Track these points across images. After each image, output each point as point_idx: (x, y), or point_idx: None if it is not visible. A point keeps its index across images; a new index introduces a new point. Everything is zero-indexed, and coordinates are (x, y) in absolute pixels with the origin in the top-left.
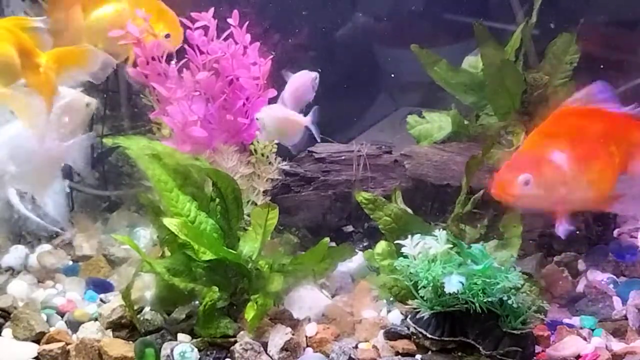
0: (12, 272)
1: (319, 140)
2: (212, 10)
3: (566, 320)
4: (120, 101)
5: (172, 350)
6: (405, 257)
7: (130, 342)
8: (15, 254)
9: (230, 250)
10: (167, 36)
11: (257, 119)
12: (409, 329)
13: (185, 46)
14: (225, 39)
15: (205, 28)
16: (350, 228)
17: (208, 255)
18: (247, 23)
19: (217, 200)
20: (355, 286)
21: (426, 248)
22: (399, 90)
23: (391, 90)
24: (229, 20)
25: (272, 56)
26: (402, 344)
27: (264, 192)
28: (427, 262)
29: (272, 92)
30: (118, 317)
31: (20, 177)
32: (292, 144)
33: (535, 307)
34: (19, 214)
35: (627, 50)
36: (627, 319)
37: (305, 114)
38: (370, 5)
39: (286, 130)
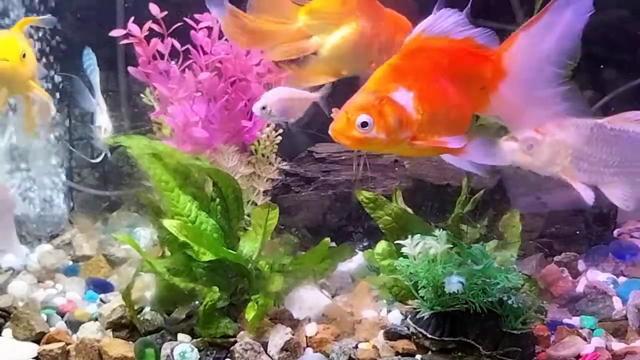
0: (12, 272)
1: (328, 115)
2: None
3: (566, 320)
4: (120, 101)
5: (172, 350)
6: (406, 257)
7: (130, 342)
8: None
9: (230, 251)
10: None
11: (262, 108)
12: (409, 329)
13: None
14: (228, 40)
15: (209, 28)
16: (350, 228)
17: (208, 256)
18: None
19: (218, 200)
20: (355, 286)
21: (426, 248)
22: None
23: None
24: None
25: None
26: (402, 344)
27: (264, 192)
28: (427, 262)
29: None
30: (118, 317)
31: None
32: (296, 120)
33: (535, 307)
34: None
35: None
36: (627, 319)
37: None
38: None
39: (294, 109)
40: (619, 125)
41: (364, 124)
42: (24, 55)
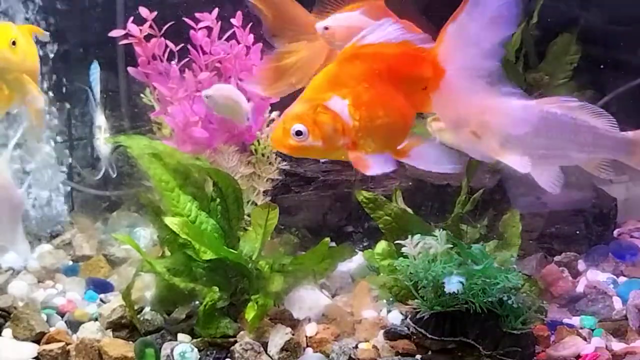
0: (12, 272)
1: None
2: (215, 10)
3: (566, 320)
4: (120, 101)
5: (172, 350)
6: (405, 257)
7: (130, 342)
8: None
9: (231, 250)
10: None
11: (205, 96)
12: (409, 329)
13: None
14: (228, 40)
15: (209, 28)
16: (350, 228)
17: (209, 255)
18: (250, 24)
19: (218, 200)
20: (355, 286)
21: (426, 248)
22: None
23: None
24: (232, 21)
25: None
26: (402, 344)
27: (264, 192)
28: (427, 262)
29: None
30: (118, 317)
31: None
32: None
33: (535, 307)
34: None
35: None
36: (627, 319)
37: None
38: None
39: (232, 110)
40: (548, 108)
41: (299, 133)
42: (13, 43)
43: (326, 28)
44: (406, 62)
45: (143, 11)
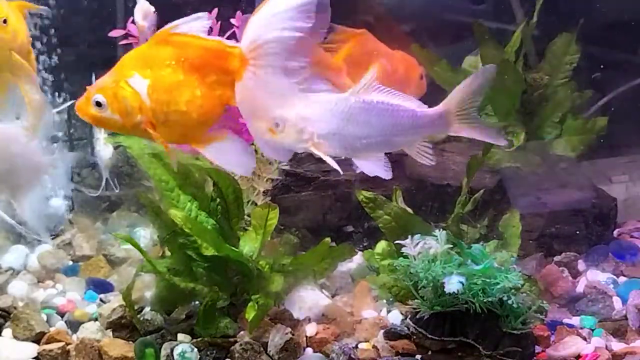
0: (12, 272)
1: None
2: (215, 10)
3: (566, 320)
4: None
5: (172, 350)
6: (405, 257)
7: (130, 342)
8: (15, 254)
9: (233, 248)
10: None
11: None
12: (409, 329)
13: None
14: (228, 39)
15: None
16: (350, 228)
17: (211, 251)
18: None
19: (218, 200)
20: (355, 286)
21: (426, 248)
22: None
23: None
24: (232, 21)
25: None
26: (402, 344)
27: (264, 192)
28: (427, 262)
29: None
30: (118, 317)
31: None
32: None
33: (535, 307)
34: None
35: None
36: (627, 319)
37: None
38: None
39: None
40: (363, 97)
41: (99, 104)
42: (4, 21)
43: None
44: (214, 55)
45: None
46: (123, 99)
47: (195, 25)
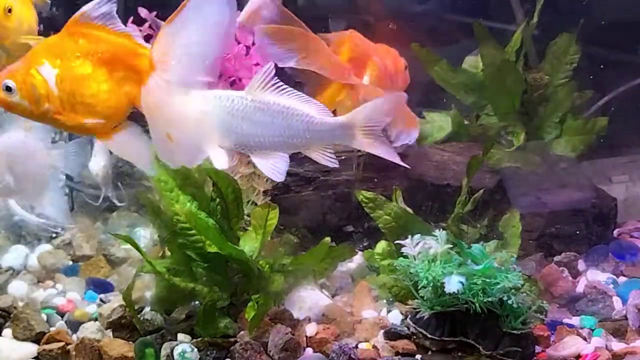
0: (12, 272)
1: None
2: None
3: (566, 320)
4: None
5: (172, 350)
6: (405, 257)
7: (130, 342)
8: (15, 254)
9: (235, 246)
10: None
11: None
12: (409, 329)
13: None
14: None
15: None
16: (350, 228)
17: (214, 248)
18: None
19: (217, 200)
20: (355, 286)
21: (426, 248)
22: None
23: None
24: None
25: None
26: (402, 344)
27: (264, 192)
28: (427, 262)
29: None
30: (118, 317)
31: (18, 188)
32: None
33: (535, 307)
34: (22, 218)
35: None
36: (627, 319)
37: None
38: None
39: None
40: (259, 97)
41: (8, 88)
42: (9, 11)
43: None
44: (124, 52)
45: (142, 11)
46: (32, 86)
47: (103, 9)
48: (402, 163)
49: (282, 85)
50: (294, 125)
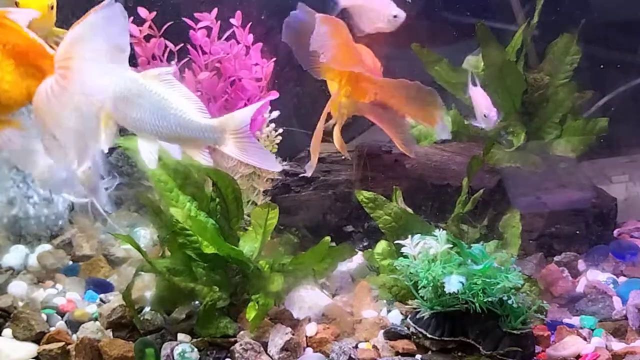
0: (12, 272)
1: None
2: (215, 10)
3: (566, 320)
4: None
5: (172, 350)
6: (405, 257)
7: (130, 342)
8: (15, 253)
9: (233, 247)
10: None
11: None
12: (409, 329)
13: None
14: (228, 39)
15: (208, 28)
16: (350, 228)
17: (211, 249)
18: (249, 24)
19: (217, 200)
20: (355, 286)
21: (426, 248)
22: None
23: None
24: (232, 21)
25: (274, 58)
26: (402, 344)
27: (264, 192)
28: (427, 262)
29: (274, 94)
30: (118, 317)
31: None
32: None
33: (535, 307)
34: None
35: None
36: (627, 319)
37: None
38: None
39: None
40: (147, 83)
41: None
42: (52, 8)
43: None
44: (33, 49)
45: (142, 11)
46: None
47: (21, 17)
48: (277, 169)
49: (174, 82)
50: (167, 117)
